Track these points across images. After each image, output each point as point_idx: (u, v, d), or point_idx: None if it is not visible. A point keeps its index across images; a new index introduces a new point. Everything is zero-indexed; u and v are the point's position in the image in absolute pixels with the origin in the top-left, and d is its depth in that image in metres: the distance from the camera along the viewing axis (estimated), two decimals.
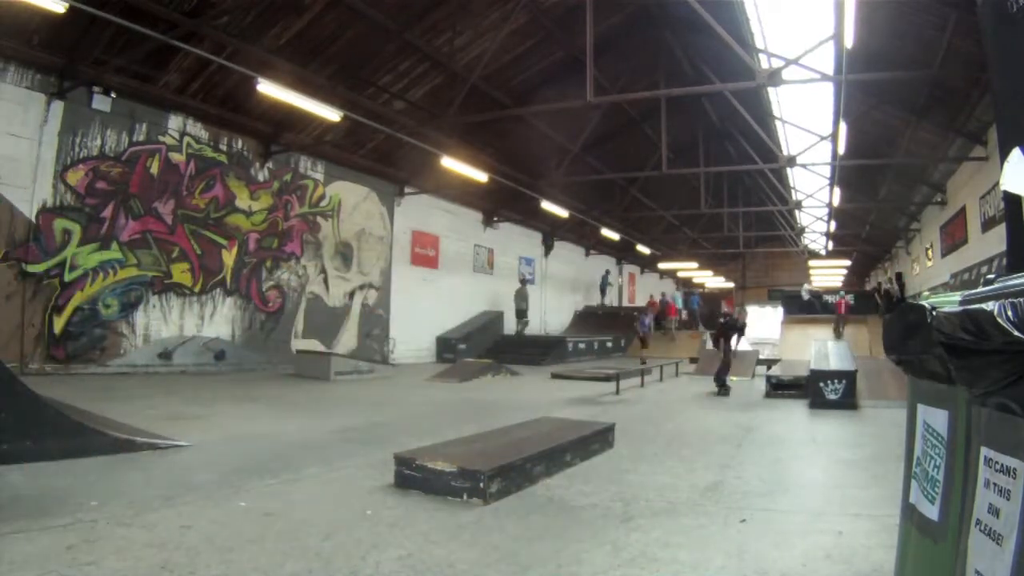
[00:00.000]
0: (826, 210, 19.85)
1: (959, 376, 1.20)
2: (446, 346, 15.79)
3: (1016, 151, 1.88)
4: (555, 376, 11.65)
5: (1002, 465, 1.08)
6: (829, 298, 20.47)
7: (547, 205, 16.13)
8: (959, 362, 1.16)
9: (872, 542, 2.77)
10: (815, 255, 28.22)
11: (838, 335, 16.38)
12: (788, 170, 18.45)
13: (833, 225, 21.82)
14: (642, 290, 30.79)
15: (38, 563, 2.35)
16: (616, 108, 15.47)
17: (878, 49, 10.45)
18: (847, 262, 27.51)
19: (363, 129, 11.40)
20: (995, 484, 1.09)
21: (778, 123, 16.84)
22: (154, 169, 10.08)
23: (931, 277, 17.89)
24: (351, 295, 13.98)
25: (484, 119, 12.32)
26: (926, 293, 14.19)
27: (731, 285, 34.44)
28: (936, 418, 1.44)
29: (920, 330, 1.35)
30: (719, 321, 10.38)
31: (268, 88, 8.61)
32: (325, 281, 13.34)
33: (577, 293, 24.47)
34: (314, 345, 12.62)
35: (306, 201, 12.92)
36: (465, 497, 3.40)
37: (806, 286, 20.88)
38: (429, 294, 16.10)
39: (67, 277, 8.87)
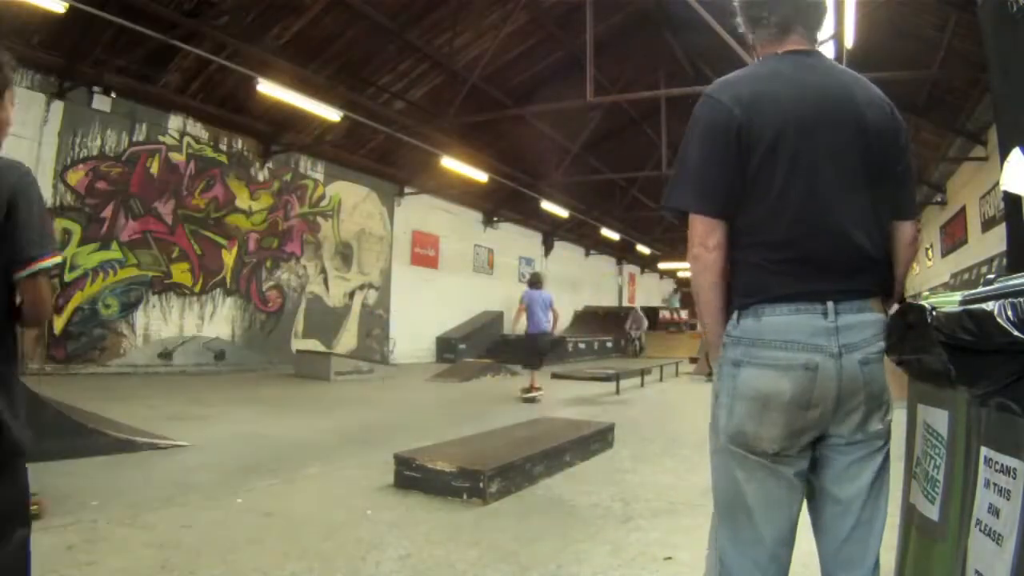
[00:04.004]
0: None
1: (959, 376, 1.20)
2: (446, 346, 15.78)
3: (1016, 151, 1.88)
4: (555, 376, 11.65)
5: (1002, 465, 1.07)
6: None
7: (547, 205, 16.12)
8: (959, 362, 1.16)
9: None
10: None
11: None
12: None
13: None
14: (642, 290, 30.81)
15: (38, 563, 2.34)
16: (616, 108, 15.45)
17: (878, 49, 10.44)
18: None
19: (363, 129, 11.40)
20: (995, 484, 1.09)
21: None
22: (154, 169, 10.08)
23: (931, 277, 17.88)
24: (351, 295, 13.97)
25: (484, 119, 12.31)
26: (926, 293, 14.18)
27: None
28: (936, 418, 1.44)
29: (920, 330, 1.35)
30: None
31: (268, 88, 8.61)
32: (325, 281, 13.34)
33: (577, 293, 24.46)
34: (314, 345, 12.62)
35: (306, 201, 12.92)
36: (465, 497, 3.40)
37: None
38: (429, 294, 16.09)
39: (67, 277, 8.86)
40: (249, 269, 11.67)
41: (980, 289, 1.27)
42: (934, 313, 1.25)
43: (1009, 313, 1.00)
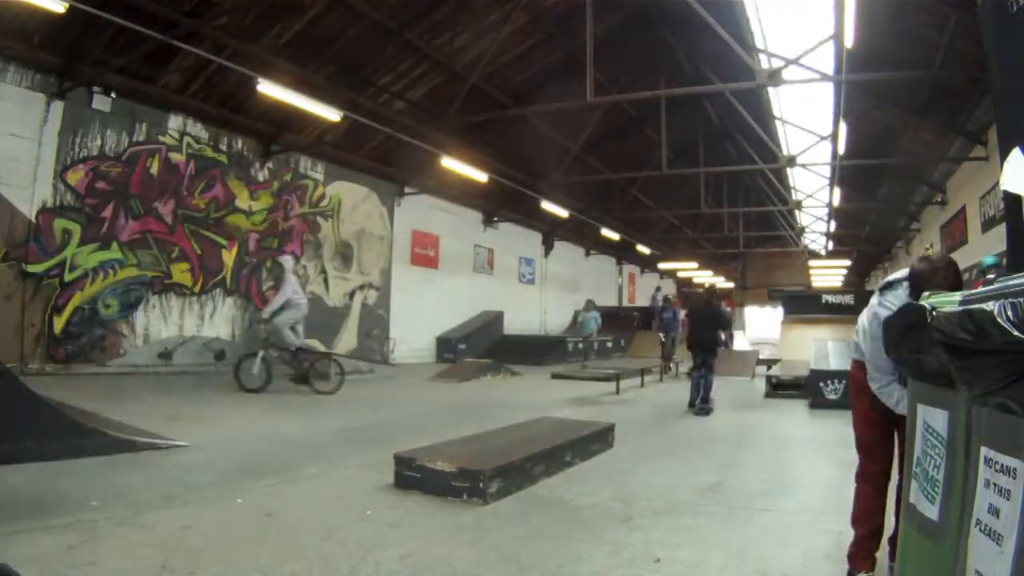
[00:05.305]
0: (826, 210, 19.85)
1: (959, 376, 1.20)
2: (446, 346, 15.78)
3: (1016, 151, 1.88)
4: (555, 376, 11.65)
5: (1002, 465, 1.07)
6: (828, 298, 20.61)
7: (547, 205, 16.12)
8: (959, 362, 1.16)
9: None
10: (815, 255, 28.23)
11: None
12: (788, 170, 18.45)
13: (833, 225, 21.81)
14: (642, 290, 30.80)
15: (38, 563, 2.35)
16: (616, 108, 15.47)
17: (878, 49, 10.45)
18: (847, 262, 27.52)
19: (363, 129, 11.39)
20: (995, 484, 1.09)
21: (778, 123, 16.83)
22: (154, 169, 10.07)
23: None
24: (351, 295, 13.97)
25: (484, 119, 12.31)
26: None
27: (731, 285, 34.44)
28: (936, 418, 1.44)
29: (920, 330, 1.35)
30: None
31: (268, 88, 8.60)
32: (325, 281, 13.33)
33: (577, 293, 24.45)
34: (314, 345, 12.61)
35: (306, 201, 12.91)
36: (465, 497, 3.39)
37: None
38: (429, 294, 16.09)
39: (67, 277, 8.86)
40: (249, 269, 11.66)
41: (980, 289, 1.27)
42: (934, 313, 1.25)
43: (1009, 313, 1.00)
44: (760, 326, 31.15)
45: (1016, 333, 0.98)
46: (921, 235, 20.20)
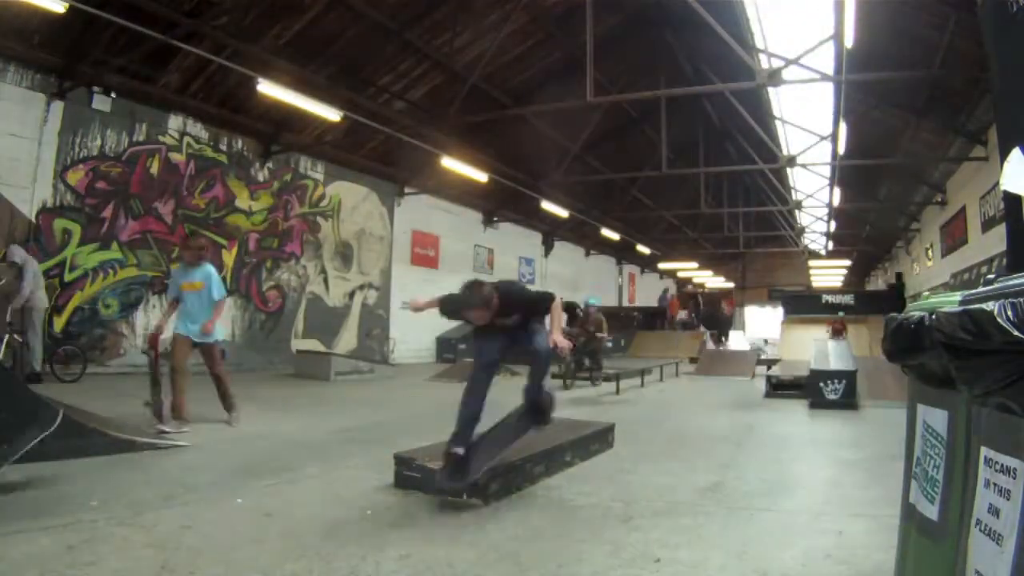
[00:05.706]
0: (826, 210, 19.87)
1: (959, 376, 1.19)
2: (446, 346, 15.78)
3: (1016, 151, 1.88)
4: (555, 376, 11.63)
5: (1002, 465, 1.07)
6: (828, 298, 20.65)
7: (547, 205, 16.12)
8: (959, 362, 1.16)
9: (872, 542, 2.77)
10: (815, 255, 28.23)
11: None
12: (788, 170, 18.45)
13: (833, 225, 21.83)
14: (642, 290, 30.80)
15: (38, 563, 2.35)
16: (616, 108, 15.47)
17: (878, 49, 10.45)
18: (847, 262, 27.53)
19: (363, 129, 11.40)
20: (995, 484, 1.09)
21: (778, 123, 16.84)
22: (154, 169, 10.07)
23: (931, 277, 17.89)
24: (351, 295, 13.97)
25: (484, 119, 12.32)
26: (926, 293, 14.19)
27: (731, 285, 34.44)
28: (936, 418, 1.44)
29: (920, 331, 1.34)
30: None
31: (268, 88, 8.61)
32: (325, 281, 13.34)
33: (577, 293, 24.45)
34: (314, 345, 12.61)
35: (306, 201, 12.91)
36: (465, 497, 3.39)
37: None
38: (429, 294, 16.06)
39: (67, 277, 8.86)
40: (249, 269, 11.67)
41: (980, 289, 1.27)
42: (934, 314, 1.25)
43: (1009, 313, 1.00)
44: (760, 325, 31.20)
45: (1016, 333, 0.98)
46: (921, 235, 20.21)
